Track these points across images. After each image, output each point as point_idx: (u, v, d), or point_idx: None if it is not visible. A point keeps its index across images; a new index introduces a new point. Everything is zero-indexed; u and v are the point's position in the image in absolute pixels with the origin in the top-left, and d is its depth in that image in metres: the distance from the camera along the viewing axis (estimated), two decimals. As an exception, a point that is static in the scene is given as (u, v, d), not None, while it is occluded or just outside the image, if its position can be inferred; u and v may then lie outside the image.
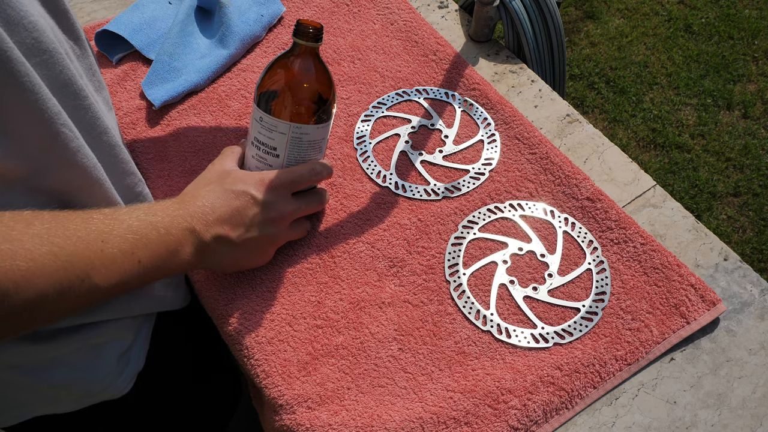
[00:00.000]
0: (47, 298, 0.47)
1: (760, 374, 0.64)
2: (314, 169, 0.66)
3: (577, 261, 0.70)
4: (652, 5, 2.29)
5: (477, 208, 0.74)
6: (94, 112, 0.58)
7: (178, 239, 0.57)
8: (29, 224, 0.47)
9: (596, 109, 2.05)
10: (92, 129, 0.58)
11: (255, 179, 0.63)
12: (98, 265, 0.51)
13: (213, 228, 0.60)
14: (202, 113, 0.82)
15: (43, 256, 0.46)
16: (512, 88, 0.85)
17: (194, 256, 0.59)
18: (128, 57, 0.87)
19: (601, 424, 0.62)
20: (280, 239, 0.66)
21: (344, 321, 0.67)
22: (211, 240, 0.60)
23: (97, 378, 0.64)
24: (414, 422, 0.61)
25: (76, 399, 0.65)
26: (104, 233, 0.52)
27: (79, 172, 0.55)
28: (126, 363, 0.66)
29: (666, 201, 0.75)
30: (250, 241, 0.62)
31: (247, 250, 0.63)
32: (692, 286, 0.67)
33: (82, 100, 0.57)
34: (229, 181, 0.63)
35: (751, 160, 1.92)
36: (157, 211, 0.57)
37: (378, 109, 0.82)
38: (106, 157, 0.60)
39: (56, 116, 0.51)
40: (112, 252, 0.52)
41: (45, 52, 0.52)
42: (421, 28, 0.89)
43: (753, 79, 2.11)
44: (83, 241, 0.50)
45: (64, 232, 0.49)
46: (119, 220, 0.54)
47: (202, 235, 0.59)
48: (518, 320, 0.66)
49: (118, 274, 0.52)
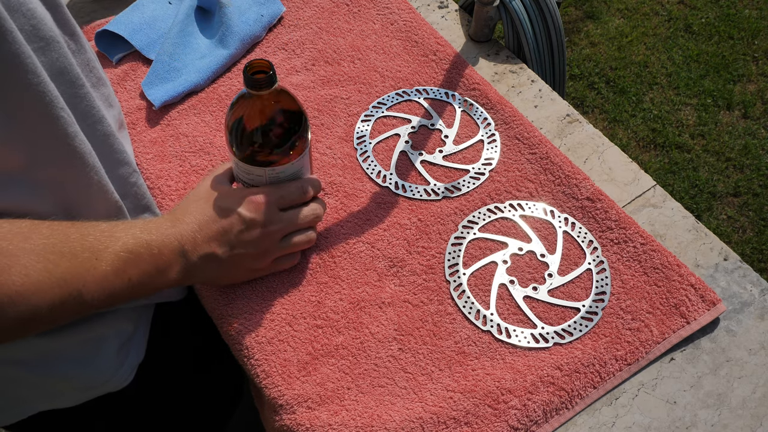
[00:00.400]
0: (40, 313, 0.48)
1: (760, 374, 0.64)
2: (302, 187, 0.65)
3: (577, 261, 0.70)
4: (652, 5, 2.29)
5: (477, 208, 0.74)
6: (89, 101, 0.59)
7: (168, 260, 0.58)
8: (26, 238, 0.48)
9: (596, 109, 2.05)
10: (87, 117, 0.59)
11: (243, 196, 0.63)
12: (90, 282, 0.52)
13: (201, 248, 0.61)
14: (202, 113, 0.82)
15: (39, 272, 0.47)
16: (512, 88, 0.85)
17: (180, 275, 0.60)
18: (128, 57, 0.87)
19: (601, 424, 0.62)
20: (267, 257, 0.65)
21: (344, 321, 0.67)
22: (198, 259, 0.61)
23: (98, 370, 0.64)
24: (414, 422, 0.61)
25: (78, 392, 0.65)
26: (99, 251, 0.53)
27: (76, 160, 0.55)
28: (126, 354, 0.66)
29: (666, 201, 0.75)
30: (236, 257, 0.63)
31: (233, 266, 0.64)
32: (692, 286, 0.67)
33: (78, 88, 0.57)
34: (217, 198, 0.63)
35: (751, 160, 1.92)
36: (152, 230, 0.58)
37: (378, 109, 0.82)
38: (101, 146, 0.61)
39: (56, 100, 0.52)
40: (104, 270, 0.53)
41: (42, 39, 0.52)
42: (421, 28, 0.89)
43: (753, 79, 2.11)
44: (78, 259, 0.51)
45: (60, 248, 0.50)
46: (115, 237, 0.55)
47: (190, 255, 0.60)
48: (518, 320, 0.66)
49: (108, 291, 0.54)
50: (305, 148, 0.65)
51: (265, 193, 0.64)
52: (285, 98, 0.63)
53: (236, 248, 0.62)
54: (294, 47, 0.88)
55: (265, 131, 0.63)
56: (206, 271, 0.62)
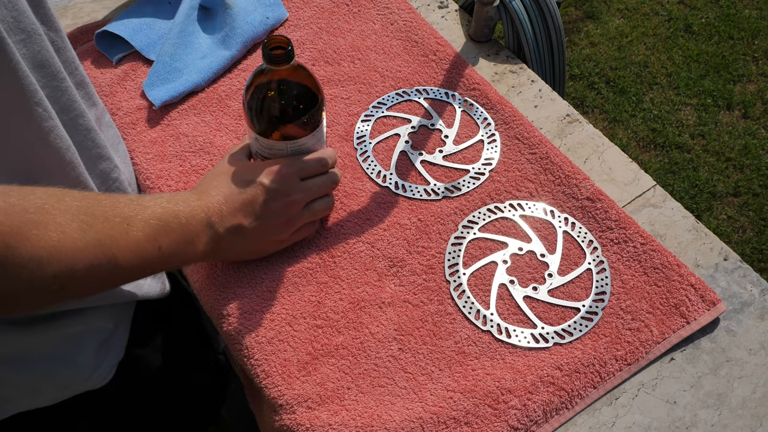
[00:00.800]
0: (77, 273, 0.49)
1: (760, 374, 0.64)
2: (321, 159, 0.68)
3: (577, 261, 0.70)
4: (652, 5, 2.29)
5: (477, 208, 0.74)
6: (71, 95, 0.59)
7: (196, 230, 0.60)
8: (60, 199, 0.49)
9: (596, 109, 2.05)
10: (69, 111, 0.59)
11: (264, 168, 0.65)
12: (123, 247, 0.52)
13: (228, 219, 0.62)
14: (202, 113, 0.82)
15: (74, 230, 0.48)
16: (512, 88, 0.85)
17: (209, 246, 0.61)
18: (128, 57, 0.87)
19: (601, 424, 0.62)
20: (291, 226, 0.67)
21: (344, 321, 0.67)
22: (226, 231, 0.62)
23: (78, 367, 0.64)
24: (414, 422, 0.61)
25: (58, 390, 0.65)
26: (130, 217, 0.54)
27: (52, 153, 0.55)
28: (105, 352, 0.66)
29: (666, 201, 0.75)
30: (261, 228, 0.64)
31: (259, 236, 0.65)
32: (692, 286, 0.67)
33: (59, 81, 0.57)
34: (238, 172, 0.65)
35: (751, 160, 1.92)
36: (179, 201, 0.60)
37: (378, 109, 0.82)
38: (82, 140, 0.61)
39: (32, 94, 0.52)
40: (136, 235, 0.54)
41: (24, 32, 0.52)
42: (421, 28, 0.89)
43: (753, 79, 2.11)
44: (110, 222, 0.52)
45: (93, 210, 0.51)
46: (144, 206, 0.56)
47: (217, 227, 0.61)
48: (518, 320, 0.66)
49: (141, 257, 0.54)
50: (323, 119, 0.68)
51: (286, 164, 0.66)
52: (302, 73, 0.66)
53: (261, 218, 0.64)
54: (294, 47, 0.88)
55: (284, 105, 0.66)
56: (233, 243, 0.64)
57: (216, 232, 0.61)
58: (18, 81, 0.50)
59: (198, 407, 0.87)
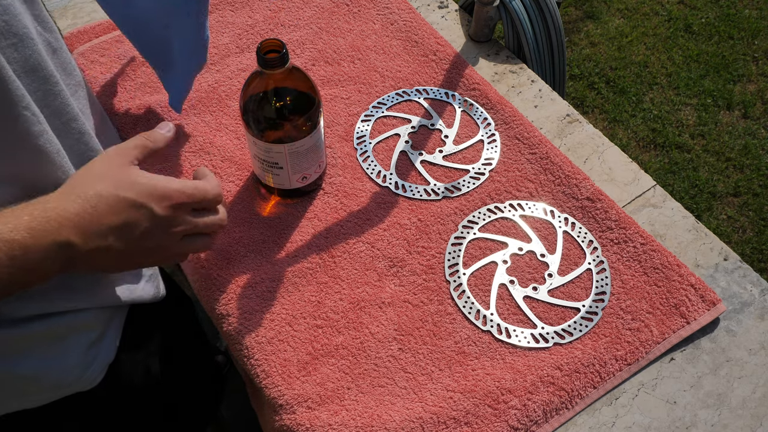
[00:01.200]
0: None
1: (760, 374, 0.64)
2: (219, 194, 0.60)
3: (577, 261, 0.70)
4: (652, 5, 2.29)
5: (477, 208, 0.74)
6: (64, 99, 0.58)
7: (45, 255, 0.52)
8: None
9: (596, 109, 2.05)
10: (61, 114, 0.58)
11: (155, 189, 0.57)
12: None
13: (93, 240, 0.54)
14: (202, 113, 0.82)
15: None
16: (512, 88, 0.85)
17: (65, 267, 0.54)
18: (128, 57, 0.87)
19: (601, 424, 0.62)
20: (159, 254, 0.60)
21: (344, 321, 0.67)
22: (88, 251, 0.54)
23: (65, 368, 0.63)
24: (414, 422, 0.61)
25: (45, 392, 0.64)
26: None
27: (41, 157, 0.54)
28: (95, 354, 0.65)
29: (666, 201, 0.75)
30: (131, 253, 0.57)
31: (125, 260, 0.58)
32: (692, 286, 0.67)
33: (52, 85, 0.56)
34: (123, 185, 0.56)
35: (751, 160, 1.92)
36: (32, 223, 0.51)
37: (378, 109, 0.82)
38: (75, 144, 0.60)
39: (19, 99, 0.51)
40: None
41: (15, 36, 0.52)
42: (421, 28, 0.89)
43: (753, 79, 2.11)
44: None
45: None
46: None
47: (79, 247, 0.53)
48: (518, 320, 0.66)
49: None
50: (321, 118, 0.68)
51: (181, 191, 0.58)
52: (298, 76, 0.65)
53: (135, 243, 0.56)
54: (294, 47, 0.88)
55: (280, 109, 0.66)
56: (97, 261, 0.56)
57: (76, 251, 0.53)
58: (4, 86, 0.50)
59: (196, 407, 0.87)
